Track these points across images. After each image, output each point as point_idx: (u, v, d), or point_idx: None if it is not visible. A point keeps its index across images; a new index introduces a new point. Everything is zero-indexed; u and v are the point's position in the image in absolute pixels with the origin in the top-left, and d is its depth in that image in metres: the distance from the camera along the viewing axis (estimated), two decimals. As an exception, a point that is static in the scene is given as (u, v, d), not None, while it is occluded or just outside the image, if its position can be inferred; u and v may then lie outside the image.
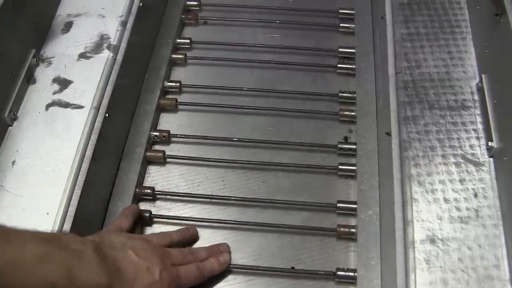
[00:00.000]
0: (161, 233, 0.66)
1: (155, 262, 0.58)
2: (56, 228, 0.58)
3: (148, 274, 0.57)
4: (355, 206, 0.67)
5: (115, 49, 0.74)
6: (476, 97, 0.68)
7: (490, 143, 0.63)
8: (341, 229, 0.66)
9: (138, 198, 0.70)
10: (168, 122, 0.79)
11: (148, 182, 0.73)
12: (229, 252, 0.66)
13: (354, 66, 0.81)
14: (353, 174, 0.71)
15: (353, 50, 0.82)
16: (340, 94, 0.78)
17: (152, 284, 0.57)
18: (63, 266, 0.48)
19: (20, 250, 0.46)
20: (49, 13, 0.78)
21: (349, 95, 0.78)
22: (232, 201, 0.70)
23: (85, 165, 0.63)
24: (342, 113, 0.76)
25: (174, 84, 0.80)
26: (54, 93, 0.70)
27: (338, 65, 0.82)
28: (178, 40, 0.85)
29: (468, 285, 0.55)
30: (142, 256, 0.58)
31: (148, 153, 0.73)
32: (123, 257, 0.56)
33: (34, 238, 0.48)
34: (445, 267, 0.56)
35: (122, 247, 0.57)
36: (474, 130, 0.66)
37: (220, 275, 0.65)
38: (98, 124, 0.66)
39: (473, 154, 0.64)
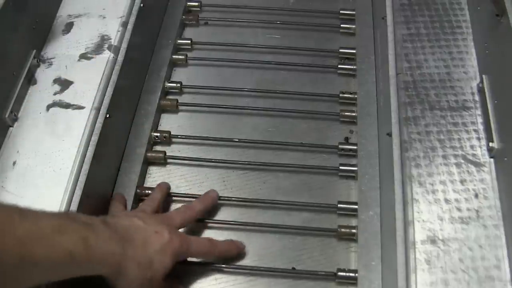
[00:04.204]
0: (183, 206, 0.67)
1: (161, 226, 0.59)
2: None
3: (158, 236, 0.58)
4: (356, 206, 0.67)
5: (115, 49, 0.74)
6: (476, 98, 0.68)
7: (490, 144, 0.63)
8: (342, 229, 0.66)
9: (139, 198, 0.70)
10: (169, 122, 0.79)
11: (149, 182, 0.73)
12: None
13: (354, 67, 0.81)
14: (353, 174, 0.71)
15: (354, 51, 0.82)
16: (340, 95, 0.78)
17: (163, 245, 0.58)
18: (78, 236, 0.49)
19: (37, 223, 0.47)
20: (50, 13, 0.78)
21: (350, 95, 0.78)
22: (233, 202, 0.70)
23: (86, 166, 0.63)
24: (343, 113, 0.76)
25: (175, 84, 0.80)
26: (55, 93, 0.70)
27: (339, 66, 0.82)
28: (179, 41, 0.85)
29: (468, 286, 0.54)
30: (148, 222, 0.59)
31: (149, 154, 0.73)
32: (130, 225, 0.57)
33: (47, 214, 0.49)
34: (446, 268, 0.56)
35: (126, 217, 0.59)
36: (475, 130, 0.66)
37: (221, 276, 0.65)
38: (98, 125, 0.66)
39: (474, 155, 0.64)
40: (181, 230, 0.64)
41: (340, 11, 0.88)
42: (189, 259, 0.63)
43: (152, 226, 0.59)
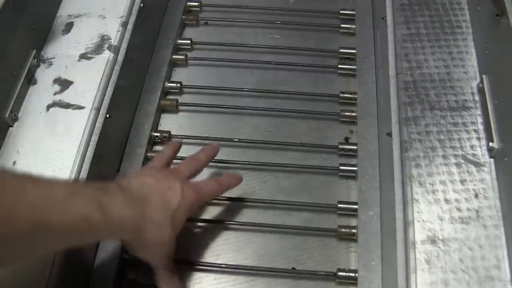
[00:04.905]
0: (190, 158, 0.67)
1: (172, 180, 0.58)
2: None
3: (173, 194, 0.57)
4: (356, 206, 0.67)
5: (115, 49, 0.74)
6: (476, 98, 0.68)
7: (490, 144, 0.63)
8: (342, 229, 0.66)
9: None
10: (169, 123, 0.79)
11: (148, 182, 0.73)
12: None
13: (355, 67, 0.81)
14: (353, 174, 0.71)
15: (354, 51, 0.82)
16: (340, 95, 0.78)
17: (179, 202, 0.57)
18: (93, 200, 0.48)
19: (50, 188, 0.45)
20: (50, 13, 0.78)
21: (350, 95, 0.78)
22: (233, 202, 0.70)
23: (86, 166, 0.63)
24: (343, 113, 0.76)
25: (174, 84, 0.80)
26: (55, 93, 0.70)
27: (339, 66, 0.82)
28: (179, 41, 0.85)
29: (468, 286, 0.54)
30: (159, 178, 0.58)
31: (149, 154, 0.73)
32: (144, 184, 0.56)
33: (59, 180, 0.48)
34: (446, 268, 0.56)
35: (137, 177, 0.58)
36: (475, 130, 0.66)
37: (221, 276, 0.65)
38: (98, 125, 0.66)
39: (473, 155, 0.64)
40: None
41: (340, 11, 0.88)
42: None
43: (164, 182, 0.58)
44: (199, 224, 0.69)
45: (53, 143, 0.65)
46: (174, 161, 0.68)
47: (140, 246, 0.57)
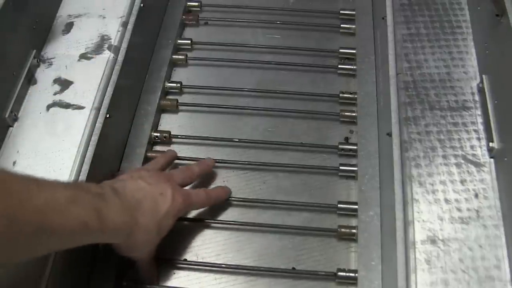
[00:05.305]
0: (184, 167, 0.70)
1: (164, 186, 0.61)
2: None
3: (163, 199, 0.60)
4: (356, 206, 0.67)
5: (115, 49, 0.74)
6: (477, 98, 0.68)
7: (490, 144, 0.63)
8: (342, 229, 0.66)
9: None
10: (169, 122, 0.79)
11: (149, 182, 0.73)
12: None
13: (355, 67, 0.81)
14: (353, 174, 0.71)
15: (354, 51, 0.82)
16: (340, 95, 0.78)
17: (168, 208, 0.60)
18: (91, 207, 0.51)
19: (53, 193, 0.47)
20: (50, 13, 0.78)
21: (350, 95, 0.78)
22: (233, 202, 0.71)
23: (86, 166, 0.63)
24: (343, 113, 0.76)
25: (175, 84, 0.80)
26: (55, 93, 0.70)
27: (339, 66, 0.82)
28: (179, 41, 0.85)
29: (469, 286, 0.54)
30: (151, 182, 0.60)
31: (149, 154, 0.73)
32: (137, 189, 0.59)
33: (62, 184, 0.50)
34: (446, 268, 0.56)
35: (132, 179, 0.60)
36: (475, 130, 0.66)
37: (221, 276, 0.65)
38: (99, 125, 0.66)
39: (474, 155, 0.64)
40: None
41: (340, 11, 0.88)
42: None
43: (156, 187, 0.60)
44: (199, 224, 0.69)
45: (53, 143, 0.65)
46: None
47: (128, 247, 0.59)
